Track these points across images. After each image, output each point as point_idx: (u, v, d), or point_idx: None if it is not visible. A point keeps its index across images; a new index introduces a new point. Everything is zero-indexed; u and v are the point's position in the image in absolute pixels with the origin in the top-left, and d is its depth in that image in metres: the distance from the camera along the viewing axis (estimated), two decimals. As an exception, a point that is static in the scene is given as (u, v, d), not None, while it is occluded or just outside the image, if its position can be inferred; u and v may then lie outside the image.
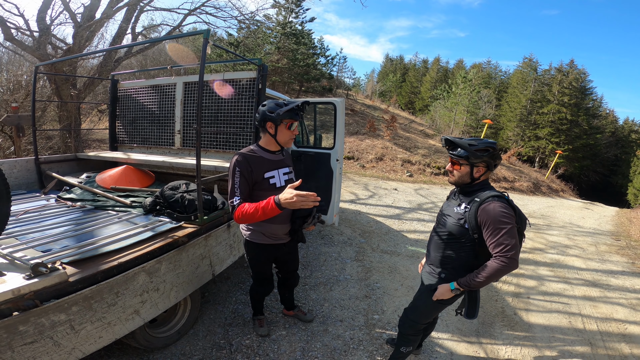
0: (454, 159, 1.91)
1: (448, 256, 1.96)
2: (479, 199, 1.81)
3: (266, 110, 2.04)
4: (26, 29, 7.20)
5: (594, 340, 3.16)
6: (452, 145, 1.92)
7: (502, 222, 1.69)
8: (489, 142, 1.86)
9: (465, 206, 1.87)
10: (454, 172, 1.95)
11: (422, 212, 7.35)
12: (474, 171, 1.88)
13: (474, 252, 1.87)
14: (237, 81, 3.58)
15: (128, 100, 4.42)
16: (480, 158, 1.83)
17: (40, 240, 2.02)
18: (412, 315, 2.19)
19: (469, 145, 1.84)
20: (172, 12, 9.16)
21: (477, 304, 1.96)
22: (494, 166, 1.89)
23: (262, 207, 1.79)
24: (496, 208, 1.72)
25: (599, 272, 4.91)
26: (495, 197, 1.77)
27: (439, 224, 2.06)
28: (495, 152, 1.85)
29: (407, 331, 2.22)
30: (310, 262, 4.16)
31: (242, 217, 1.87)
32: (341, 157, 4.15)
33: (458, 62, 42.68)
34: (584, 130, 28.67)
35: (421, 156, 13.93)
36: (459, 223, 1.87)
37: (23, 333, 1.38)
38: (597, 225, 8.56)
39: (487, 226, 1.73)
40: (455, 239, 1.91)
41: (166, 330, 2.53)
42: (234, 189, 1.96)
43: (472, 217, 1.80)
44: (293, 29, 19.88)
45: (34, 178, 3.60)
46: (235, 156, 2.02)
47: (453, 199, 2.03)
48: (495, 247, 1.71)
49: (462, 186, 1.96)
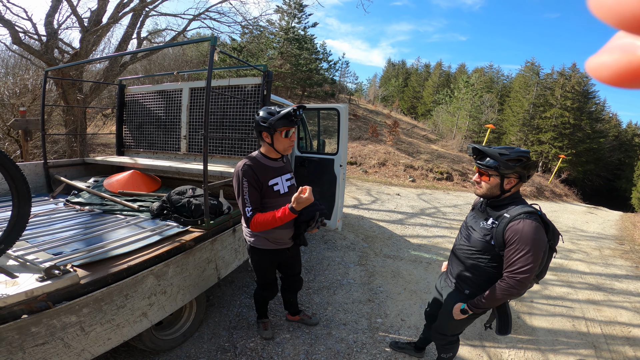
0: (482, 169, 1.75)
1: (472, 272, 1.85)
2: (508, 215, 1.66)
3: (259, 120, 2.00)
4: (34, 32, 7.30)
5: (598, 343, 3.16)
6: (480, 154, 1.76)
7: (529, 244, 1.56)
8: (522, 152, 1.69)
9: (493, 221, 1.73)
10: (481, 184, 1.80)
11: (425, 217, 7.36)
12: (505, 183, 1.72)
13: (500, 269, 1.74)
14: (242, 87, 3.63)
15: (135, 105, 4.47)
16: (512, 169, 1.67)
17: (50, 243, 2.06)
18: (440, 329, 2.12)
19: (499, 154, 1.67)
20: (177, 17, 9.25)
21: (509, 319, 1.82)
22: (527, 177, 1.73)
23: (280, 216, 1.92)
24: (527, 227, 1.57)
25: (603, 276, 4.91)
26: (527, 214, 1.61)
27: (462, 237, 1.95)
28: (529, 162, 1.69)
29: (440, 342, 2.17)
30: (314, 267, 4.18)
31: (260, 226, 1.96)
32: (344, 163, 4.18)
33: (460, 67, 42.86)
34: (587, 135, 28.57)
35: (424, 161, 13.95)
36: (485, 239, 1.75)
37: (35, 334, 1.41)
38: (601, 230, 8.53)
39: (511, 243, 1.61)
40: (480, 255, 1.80)
41: (172, 332, 2.56)
42: (244, 200, 1.97)
43: (500, 234, 1.67)
44: (296, 34, 20.03)
45: (42, 182, 3.65)
46: (240, 166, 2.02)
47: (479, 211, 1.89)
48: (509, 265, 1.61)
49: (490, 199, 1.81)
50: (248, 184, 1.97)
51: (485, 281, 1.80)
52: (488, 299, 1.70)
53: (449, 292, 2.02)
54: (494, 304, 1.70)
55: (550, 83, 30.34)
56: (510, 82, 37.99)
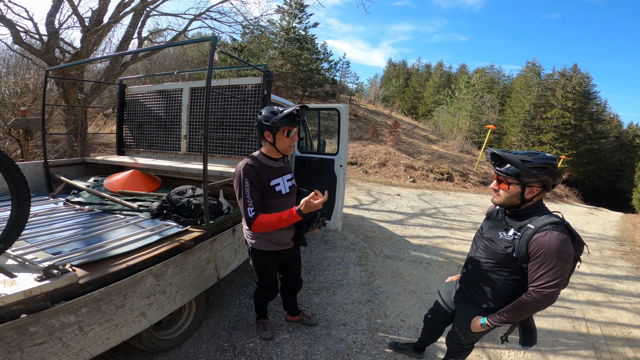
0: (501, 176, 1.61)
1: (492, 286, 1.75)
2: (533, 226, 1.54)
3: (262, 119, 2.00)
4: (35, 32, 7.31)
5: (598, 344, 3.16)
6: (499, 160, 1.63)
7: (557, 257, 1.45)
8: (547, 159, 1.54)
9: (515, 232, 1.61)
10: (499, 192, 1.66)
11: (425, 217, 7.35)
12: (526, 192, 1.59)
13: (522, 283, 1.64)
14: (242, 87, 3.63)
15: (135, 105, 4.48)
16: (536, 177, 1.53)
17: (50, 242, 2.06)
18: (456, 339, 2.04)
19: (521, 161, 1.53)
20: (178, 17, 9.25)
21: (532, 331, 1.72)
22: (552, 186, 1.59)
23: (285, 218, 1.91)
24: (554, 240, 1.46)
25: (603, 277, 4.90)
26: (553, 225, 1.50)
27: (478, 248, 1.83)
28: (555, 171, 1.55)
29: (455, 350, 2.12)
30: (314, 267, 4.18)
31: (263, 228, 1.95)
32: (345, 163, 4.17)
33: (461, 67, 42.85)
34: (588, 135, 28.58)
35: (424, 162, 13.94)
36: (506, 252, 1.63)
37: (33, 334, 1.41)
38: (601, 231, 8.53)
39: (536, 257, 1.50)
40: (500, 268, 1.68)
41: (171, 332, 2.56)
42: (246, 200, 1.95)
43: (524, 247, 1.55)
44: (296, 34, 20.05)
45: (43, 181, 3.65)
46: (241, 166, 2.00)
47: (496, 220, 1.77)
48: (536, 280, 1.51)
49: (509, 208, 1.68)
50: (250, 184, 1.96)
51: (505, 295, 1.71)
52: (512, 314, 1.61)
53: (465, 306, 1.92)
54: (518, 318, 1.62)
55: (551, 83, 30.34)
56: (511, 82, 38.01)
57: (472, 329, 1.81)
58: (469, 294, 1.89)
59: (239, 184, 1.98)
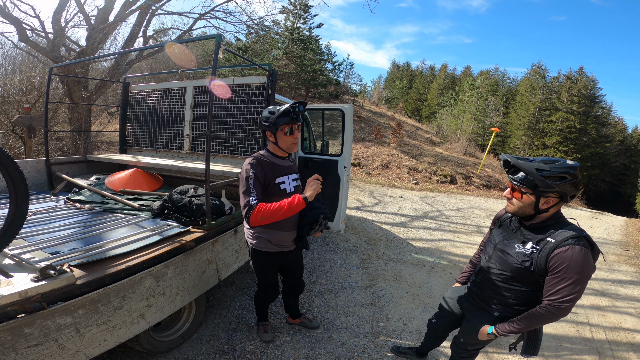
0: (515, 185, 1.54)
1: (504, 296, 1.69)
2: (553, 240, 1.47)
3: (262, 119, 2.04)
4: (41, 30, 7.34)
5: (602, 349, 3.11)
6: (512, 168, 1.55)
7: (577, 273, 1.40)
8: (567, 167, 1.42)
9: (533, 246, 1.53)
10: (512, 200, 1.60)
11: (428, 220, 7.30)
12: (541, 202, 1.50)
13: (536, 294, 1.60)
14: (246, 86, 3.60)
15: (139, 103, 4.45)
16: (552, 188, 1.43)
17: (48, 242, 2.04)
18: (462, 346, 2.02)
19: (536, 170, 1.44)
20: (183, 16, 9.26)
21: (538, 340, 1.67)
22: (571, 197, 1.48)
23: (289, 202, 1.88)
24: (576, 255, 1.40)
25: (608, 282, 4.84)
26: (575, 240, 1.43)
27: (492, 259, 1.76)
28: (575, 181, 1.44)
29: (461, 355, 2.09)
30: (316, 269, 4.14)
31: (263, 215, 1.87)
32: (349, 164, 4.14)
33: (465, 69, 42.69)
34: (592, 139, 28.38)
35: (427, 164, 13.86)
36: (523, 265, 1.55)
37: (28, 335, 1.38)
38: (605, 235, 8.44)
39: (557, 271, 1.44)
40: (514, 280, 1.63)
41: (170, 334, 2.53)
42: (249, 189, 1.92)
43: (542, 261, 1.48)
44: (301, 34, 20.01)
45: (44, 179, 3.63)
46: (249, 160, 2.01)
47: (510, 231, 1.69)
48: (553, 293, 1.45)
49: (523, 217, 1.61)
50: (255, 177, 1.94)
51: (517, 304, 1.67)
52: (523, 324, 1.57)
53: (475, 313, 1.88)
54: (528, 329, 1.58)
55: (557, 86, 30.18)
56: (515, 85, 37.87)
57: (479, 337, 1.78)
58: (480, 302, 1.86)
59: (244, 177, 1.97)
